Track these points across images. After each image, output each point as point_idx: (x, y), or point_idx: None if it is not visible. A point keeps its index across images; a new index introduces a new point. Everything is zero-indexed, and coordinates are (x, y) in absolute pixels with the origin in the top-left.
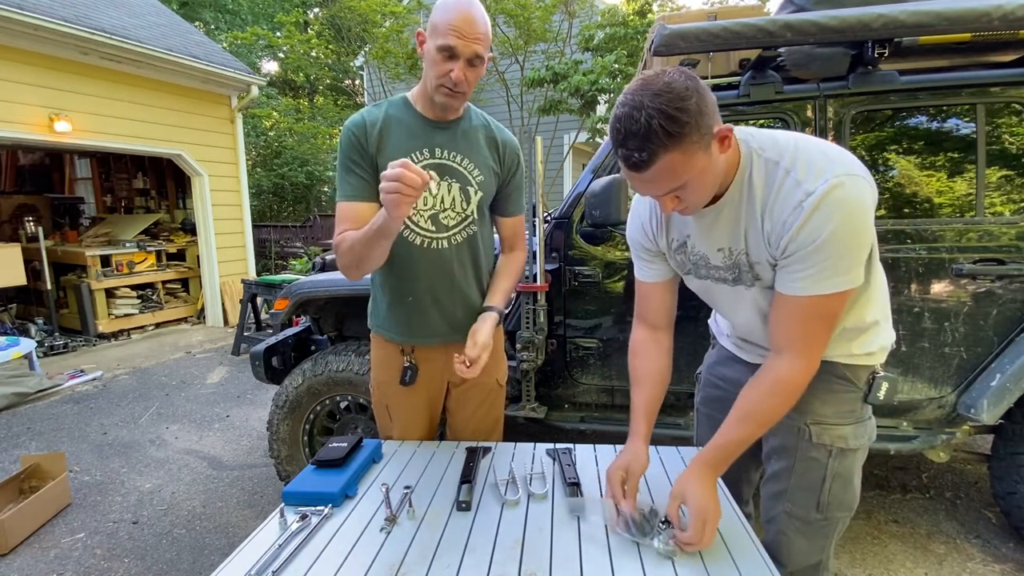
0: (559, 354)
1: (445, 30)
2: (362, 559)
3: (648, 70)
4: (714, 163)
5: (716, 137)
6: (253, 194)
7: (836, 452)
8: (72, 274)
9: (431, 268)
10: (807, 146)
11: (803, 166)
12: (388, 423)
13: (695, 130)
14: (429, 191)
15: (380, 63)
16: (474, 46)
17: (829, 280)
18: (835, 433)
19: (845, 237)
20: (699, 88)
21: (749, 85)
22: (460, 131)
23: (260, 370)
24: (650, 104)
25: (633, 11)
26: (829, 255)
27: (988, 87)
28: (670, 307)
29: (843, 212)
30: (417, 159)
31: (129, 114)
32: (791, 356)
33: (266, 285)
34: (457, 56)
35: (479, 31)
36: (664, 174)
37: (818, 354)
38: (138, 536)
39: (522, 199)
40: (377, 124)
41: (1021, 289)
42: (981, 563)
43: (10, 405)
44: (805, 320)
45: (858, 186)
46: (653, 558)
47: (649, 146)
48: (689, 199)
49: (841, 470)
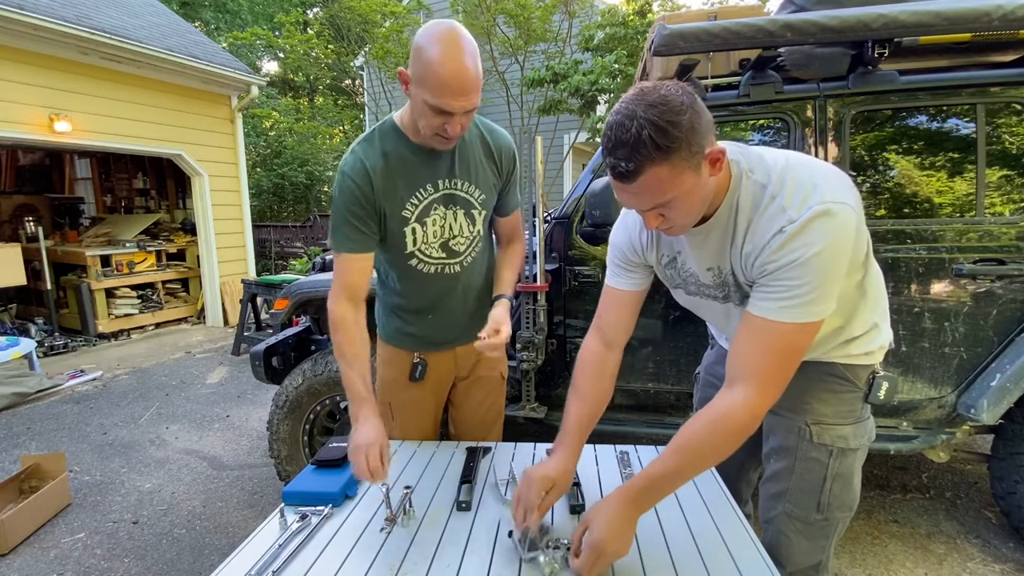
0: (559, 354)
1: (435, 89)
2: (362, 559)
3: (646, 81)
4: (703, 185)
5: (707, 158)
6: (253, 194)
7: (837, 452)
8: (72, 274)
9: (444, 290)
10: (797, 168)
11: (790, 191)
12: (389, 423)
13: (685, 146)
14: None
15: (380, 63)
16: (468, 101)
17: (799, 309)
18: (835, 433)
19: (822, 265)
20: (695, 105)
21: (749, 85)
22: (459, 154)
23: (260, 370)
24: (643, 115)
25: (633, 11)
26: (803, 282)
27: (988, 87)
28: (629, 323)
29: (824, 240)
30: (423, 197)
31: (129, 114)
32: (745, 389)
33: (266, 285)
34: (451, 114)
35: (470, 86)
36: (650, 188)
37: (774, 393)
38: (138, 536)
39: (518, 194)
40: (378, 170)
41: (1021, 289)
42: (981, 563)
43: (10, 405)
44: (767, 348)
45: (843, 215)
46: (653, 558)
47: (637, 157)
48: (674, 219)
49: (842, 470)
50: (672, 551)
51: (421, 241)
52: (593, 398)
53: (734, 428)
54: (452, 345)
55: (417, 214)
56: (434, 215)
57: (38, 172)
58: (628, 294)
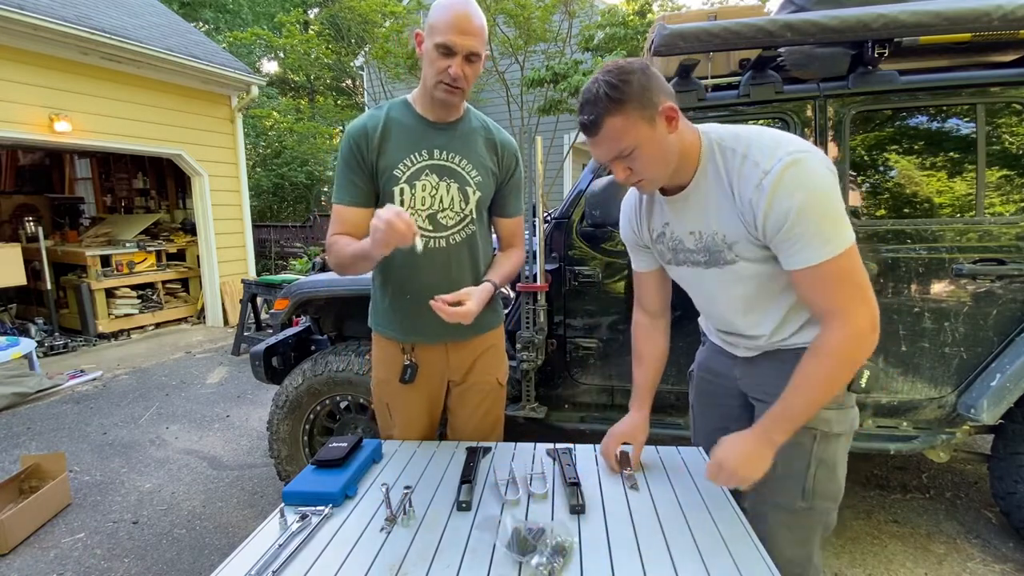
0: (559, 354)
1: (442, 28)
2: (362, 559)
3: None
4: (660, 138)
5: (661, 114)
6: (253, 194)
7: (820, 436)
8: (72, 274)
9: (429, 266)
10: (760, 133)
11: (756, 150)
12: (389, 422)
13: (636, 100)
14: (420, 204)
15: (380, 63)
16: (471, 42)
17: (822, 248)
18: (818, 416)
19: (813, 207)
20: (647, 70)
21: (749, 85)
22: (459, 133)
23: (260, 370)
24: (601, 77)
25: (633, 11)
26: (807, 227)
27: (988, 87)
28: (664, 295)
29: (802, 185)
30: (415, 160)
31: (129, 114)
32: (839, 322)
33: (266, 285)
34: (454, 53)
35: (475, 28)
36: (608, 136)
37: (864, 309)
38: (138, 536)
39: (520, 201)
40: (378, 129)
41: (1021, 289)
42: (981, 563)
43: (10, 405)
44: (833, 285)
45: (810, 160)
46: (654, 558)
47: (595, 110)
48: (640, 170)
49: (825, 456)
50: (672, 551)
51: (408, 205)
52: (651, 359)
53: (850, 358)
54: (442, 339)
55: (408, 176)
56: (424, 180)
57: (38, 172)
58: (650, 273)
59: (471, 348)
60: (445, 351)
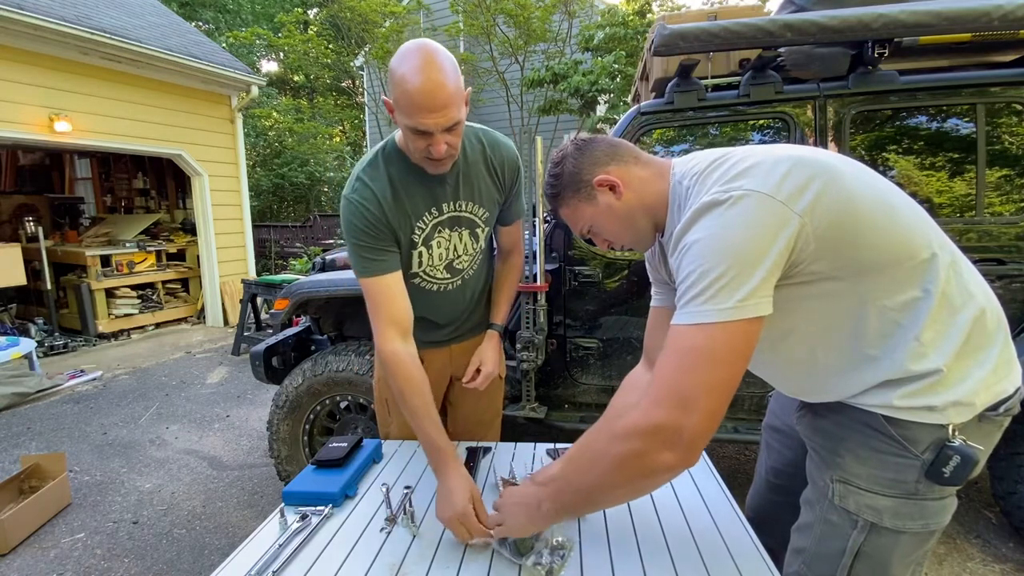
0: (559, 354)
1: (409, 111)
2: (362, 559)
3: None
4: (608, 209)
5: (598, 187)
6: (253, 194)
7: (863, 525)
8: (72, 274)
9: (446, 303)
10: (723, 161)
11: (698, 186)
12: (387, 419)
13: (568, 187)
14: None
15: (380, 63)
16: (444, 119)
17: (699, 306)
18: (864, 501)
19: (716, 252)
20: (580, 149)
21: (749, 85)
22: (462, 173)
23: (260, 370)
24: (546, 173)
25: (633, 11)
26: (690, 271)
27: (988, 87)
28: None
29: (711, 227)
30: (428, 220)
31: (129, 114)
32: (650, 406)
33: (266, 285)
34: (431, 133)
35: (445, 98)
36: (568, 221)
37: (696, 411)
38: (138, 536)
39: (521, 204)
40: (387, 195)
41: (1021, 289)
42: (981, 563)
43: (10, 405)
44: (669, 354)
45: (742, 203)
46: (654, 558)
47: (550, 203)
48: (610, 238)
49: (870, 550)
50: (672, 551)
51: (427, 264)
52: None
53: (621, 459)
54: (447, 343)
55: (423, 237)
56: (439, 238)
57: (38, 172)
58: (665, 311)
59: (474, 345)
60: (449, 352)
